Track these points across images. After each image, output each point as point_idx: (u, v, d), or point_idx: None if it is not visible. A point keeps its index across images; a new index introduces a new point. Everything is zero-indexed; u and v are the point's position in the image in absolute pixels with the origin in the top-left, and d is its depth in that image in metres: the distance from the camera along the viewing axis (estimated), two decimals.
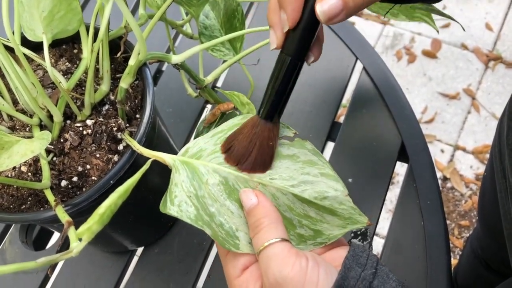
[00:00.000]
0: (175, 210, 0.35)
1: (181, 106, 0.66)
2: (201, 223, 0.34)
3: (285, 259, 0.31)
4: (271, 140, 0.36)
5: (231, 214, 0.36)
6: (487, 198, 0.70)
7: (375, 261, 0.31)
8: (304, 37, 0.34)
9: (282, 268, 0.30)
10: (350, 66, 0.66)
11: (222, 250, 0.36)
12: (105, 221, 0.27)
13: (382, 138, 0.60)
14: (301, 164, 0.37)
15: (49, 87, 0.46)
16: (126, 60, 0.47)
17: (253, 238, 0.34)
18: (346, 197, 0.36)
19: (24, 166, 0.43)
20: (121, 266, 0.57)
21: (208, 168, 0.37)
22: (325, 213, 0.36)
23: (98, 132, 0.43)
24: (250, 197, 0.34)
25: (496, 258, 0.78)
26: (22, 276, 0.58)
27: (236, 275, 0.34)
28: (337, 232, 0.36)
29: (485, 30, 1.70)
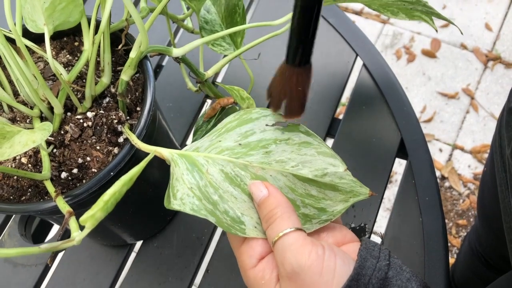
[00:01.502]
0: (178, 204, 0.35)
1: (181, 101, 0.66)
2: (204, 212, 0.34)
3: (301, 248, 0.31)
4: (300, 85, 0.35)
5: (234, 200, 0.36)
6: (487, 193, 0.70)
7: (387, 254, 0.32)
8: None
9: (299, 257, 0.30)
10: (350, 63, 0.66)
11: (235, 241, 0.35)
12: (109, 208, 0.27)
13: (382, 135, 0.61)
14: (297, 146, 0.38)
15: (50, 79, 0.46)
16: (127, 53, 0.48)
17: (266, 229, 0.33)
18: (345, 172, 0.37)
19: (24, 157, 0.43)
20: (120, 260, 0.57)
21: (207, 159, 0.37)
22: (326, 189, 0.36)
23: (99, 124, 0.43)
24: (261, 189, 0.34)
25: (495, 253, 0.79)
26: (21, 269, 0.58)
27: (251, 265, 0.33)
28: (340, 207, 0.36)
29: (484, 30, 1.70)
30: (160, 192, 0.54)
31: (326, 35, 0.69)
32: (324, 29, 0.69)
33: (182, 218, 0.58)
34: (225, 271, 0.55)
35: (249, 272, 0.33)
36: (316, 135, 0.39)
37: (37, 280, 0.57)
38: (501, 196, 0.58)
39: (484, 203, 0.74)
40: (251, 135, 0.39)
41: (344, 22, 0.68)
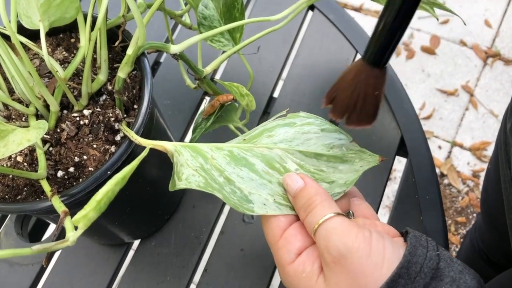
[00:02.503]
0: (183, 183, 0.34)
1: (179, 98, 0.65)
2: (211, 189, 0.34)
3: (347, 231, 0.30)
4: (377, 88, 0.33)
5: (241, 180, 0.35)
6: (490, 190, 0.70)
7: (434, 244, 0.30)
8: None
9: (345, 240, 0.29)
10: (349, 59, 0.66)
11: (272, 236, 0.34)
12: (102, 208, 0.27)
13: (382, 132, 0.60)
14: (299, 127, 0.37)
15: (46, 76, 0.46)
16: (124, 50, 0.47)
17: (305, 218, 0.32)
18: (352, 143, 0.37)
19: (20, 156, 0.42)
20: (118, 259, 0.57)
21: (211, 147, 0.37)
22: (336, 162, 0.36)
23: (95, 122, 0.43)
24: (296, 180, 0.33)
25: (498, 250, 0.78)
26: (18, 269, 0.57)
27: (290, 260, 0.32)
28: (353, 176, 0.35)
29: (484, 27, 1.69)
30: (158, 191, 0.54)
31: (325, 32, 0.68)
32: (323, 25, 0.68)
33: (180, 217, 0.58)
34: (224, 271, 0.55)
35: (288, 268, 0.32)
36: (318, 116, 0.38)
37: (34, 280, 0.57)
38: (505, 193, 0.57)
39: (487, 201, 0.74)
40: (253, 131, 0.39)
41: (343, 19, 0.68)
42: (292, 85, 0.65)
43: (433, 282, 0.28)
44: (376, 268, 0.28)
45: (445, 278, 0.28)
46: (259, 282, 0.54)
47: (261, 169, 0.36)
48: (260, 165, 0.36)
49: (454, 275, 0.28)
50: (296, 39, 0.69)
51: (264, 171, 0.36)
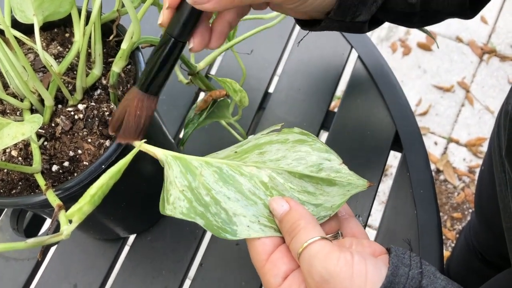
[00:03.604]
0: (170, 208, 0.35)
1: (173, 94, 0.65)
2: (193, 215, 0.34)
3: (329, 255, 0.30)
4: (139, 109, 0.38)
5: (227, 200, 0.35)
6: (484, 192, 0.70)
7: (418, 261, 0.31)
8: (183, 19, 0.36)
9: (327, 264, 0.30)
10: (345, 55, 0.66)
11: (259, 261, 0.34)
12: (96, 202, 0.27)
13: (376, 127, 0.60)
14: (291, 144, 0.38)
15: (40, 71, 0.46)
16: (118, 45, 0.47)
17: (290, 242, 0.33)
18: (341, 166, 0.36)
19: (14, 150, 0.42)
20: (113, 254, 0.57)
21: (201, 162, 0.37)
22: (324, 185, 0.36)
23: (90, 116, 0.43)
24: (282, 204, 0.34)
25: (493, 250, 0.78)
26: (13, 264, 0.57)
27: (277, 284, 0.33)
28: (339, 201, 0.36)
29: (480, 23, 1.70)
30: (153, 186, 0.54)
31: None
32: None
33: None
34: (219, 265, 0.55)
35: None
36: (310, 133, 0.39)
37: (30, 274, 0.57)
38: (500, 196, 0.58)
39: (481, 202, 0.74)
40: (246, 144, 0.39)
41: None
42: (287, 81, 0.65)
43: None
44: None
45: None
46: (254, 276, 0.54)
47: (248, 189, 0.36)
48: (248, 185, 0.36)
49: (442, 283, 0.29)
50: (291, 34, 0.69)
51: (251, 191, 0.36)
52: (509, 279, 0.59)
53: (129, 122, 0.38)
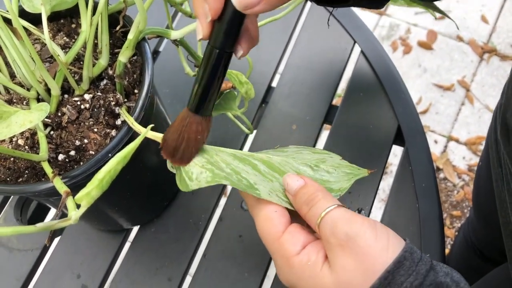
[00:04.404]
0: (195, 183, 0.35)
1: (178, 87, 0.65)
2: (218, 179, 0.34)
3: (352, 218, 0.32)
4: (199, 133, 0.37)
5: (247, 173, 0.36)
6: (482, 187, 0.70)
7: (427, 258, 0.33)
8: (228, 28, 0.34)
9: (352, 225, 0.31)
10: (348, 49, 0.66)
11: (275, 233, 0.34)
12: (104, 186, 0.27)
13: (379, 122, 0.61)
14: (291, 152, 0.40)
15: (47, 61, 0.46)
16: (125, 36, 0.47)
17: (308, 212, 0.34)
18: (341, 160, 0.39)
19: (21, 139, 0.43)
20: (117, 245, 0.57)
21: (213, 148, 0.38)
22: (329, 173, 0.38)
23: (96, 106, 0.43)
24: (296, 179, 0.35)
25: (491, 246, 0.79)
26: (17, 254, 0.58)
27: (296, 252, 0.33)
28: (345, 184, 0.38)
29: (480, 22, 1.70)
30: (158, 177, 0.54)
31: (324, 22, 0.68)
32: (322, 15, 0.69)
33: (179, 203, 0.58)
34: (222, 256, 0.55)
35: (293, 259, 0.33)
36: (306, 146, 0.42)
37: (33, 265, 0.57)
38: (497, 191, 0.58)
39: (479, 198, 0.74)
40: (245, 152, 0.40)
41: (342, 9, 0.68)
42: (290, 75, 0.65)
43: (432, 271, 0.30)
44: (383, 250, 0.30)
45: (440, 271, 0.30)
46: (256, 268, 0.54)
47: (263, 169, 0.38)
48: (262, 166, 0.38)
49: (446, 270, 0.31)
50: (294, 29, 0.69)
51: (265, 171, 0.37)
52: (506, 274, 0.60)
53: (188, 147, 0.37)
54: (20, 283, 0.56)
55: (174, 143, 0.37)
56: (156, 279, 0.55)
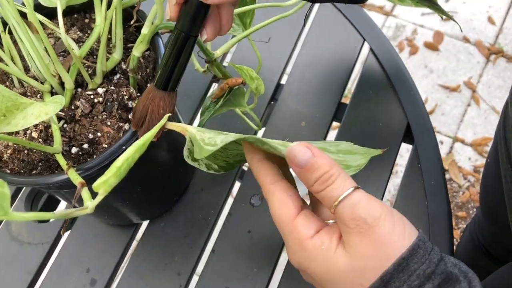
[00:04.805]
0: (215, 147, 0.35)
1: (187, 83, 0.66)
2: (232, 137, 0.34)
3: (371, 203, 0.31)
4: (161, 108, 0.39)
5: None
6: (490, 185, 0.70)
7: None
8: (193, 13, 0.36)
9: (372, 211, 0.31)
10: (357, 47, 0.66)
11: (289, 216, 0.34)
12: (122, 174, 0.28)
13: (388, 119, 0.61)
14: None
15: (60, 55, 0.47)
16: (138, 31, 0.48)
17: (323, 191, 0.32)
18: (355, 145, 0.40)
19: (35, 132, 0.43)
20: (126, 239, 0.57)
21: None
22: (345, 154, 0.38)
23: (109, 100, 0.44)
24: (305, 151, 0.32)
25: (498, 244, 0.79)
26: (27, 247, 0.58)
27: (310, 235, 0.33)
28: (362, 161, 0.38)
29: (487, 24, 1.70)
30: (168, 172, 0.55)
31: (333, 20, 0.69)
32: (331, 13, 0.69)
33: (188, 199, 0.58)
34: (231, 252, 0.55)
35: (306, 242, 0.33)
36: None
37: (44, 258, 0.57)
38: (506, 188, 0.58)
39: (487, 195, 0.74)
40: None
41: (351, 7, 0.69)
42: (299, 72, 0.66)
43: (442, 262, 0.31)
44: (400, 237, 0.30)
45: (448, 262, 0.31)
46: (265, 264, 0.54)
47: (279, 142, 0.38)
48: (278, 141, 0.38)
49: (454, 261, 0.32)
50: (304, 26, 0.70)
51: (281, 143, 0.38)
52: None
53: (152, 121, 0.39)
54: (31, 276, 0.56)
55: (139, 114, 0.40)
56: (165, 274, 0.55)
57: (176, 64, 0.38)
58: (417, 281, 0.29)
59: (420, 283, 0.29)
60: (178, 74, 0.39)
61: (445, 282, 0.30)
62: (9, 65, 0.42)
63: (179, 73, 0.39)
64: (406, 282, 0.29)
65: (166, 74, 0.39)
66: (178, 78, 0.40)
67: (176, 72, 0.39)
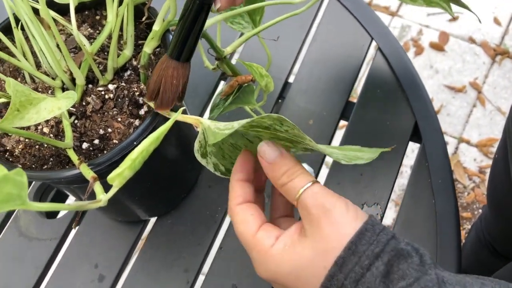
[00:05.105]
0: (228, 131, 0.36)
1: (195, 81, 0.66)
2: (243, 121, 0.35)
3: (329, 193, 0.35)
4: (175, 78, 0.39)
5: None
6: (498, 180, 0.70)
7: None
8: None
9: (330, 198, 0.35)
10: (365, 46, 0.66)
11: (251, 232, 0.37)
12: (136, 167, 0.28)
13: (396, 118, 0.61)
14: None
15: (71, 51, 0.47)
16: (148, 28, 0.48)
17: (287, 184, 0.36)
18: (364, 147, 0.41)
19: (46, 127, 0.43)
20: (134, 236, 0.58)
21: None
22: (356, 151, 0.39)
23: (120, 96, 0.44)
24: (275, 149, 0.37)
25: (504, 239, 0.79)
26: (36, 243, 0.58)
27: (271, 244, 0.35)
28: (372, 155, 0.39)
29: (493, 24, 1.70)
30: (176, 169, 0.55)
31: (341, 19, 0.69)
32: (339, 12, 0.69)
33: (196, 196, 0.59)
34: (239, 249, 0.56)
35: (270, 250, 0.35)
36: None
37: (52, 254, 0.58)
38: None
39: (495, 190, 0.74)
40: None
41: (359, 6, 0.69)
42: (307, 71, 0.66)
43: (393, 240, 0.33)
44: (353, 220, 0.34)
45: (402, 241, 0.33)
46: None
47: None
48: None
49: (407, 241, 0.34)
50: (312, 25, 0.70)
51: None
52: None
53: (166, 92, 0.39)
54: (39, 271, 0.57)
55: (153, 85, 0.40)
56: (173, 271, 0.56)
57: (190, 33, 0.38)
58: (367, 261, 0.32)
59: (370, 262, 0.32)
60: (192, 44, 0.39)
61: (395, 258, 0.32)
62: (21, 60, 0.43)
63: (192, 43, 0.39)
64: (358, 264, 0.32)
65: (179, 44, 0.38)
66: (191, 48, 0.39)
67: (189, 41, 0.38)
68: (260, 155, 0.37)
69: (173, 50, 0.39)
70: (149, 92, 0.40)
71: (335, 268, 0.33)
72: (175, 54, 0.39)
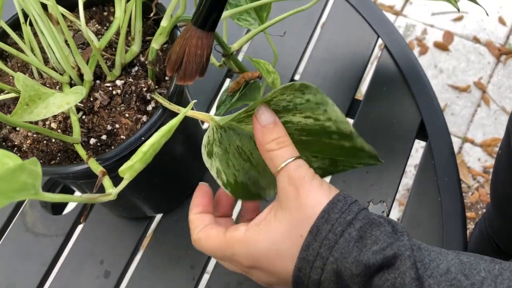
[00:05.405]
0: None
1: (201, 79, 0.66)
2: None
3: (310, 169, 0.37)
4: (199, 48, 0.38)
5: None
6: (501, 175, 0.70)
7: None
8: None
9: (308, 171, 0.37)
10: (371, 43, 0.66)
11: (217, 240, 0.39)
12: (147, 159, 0.28)
13: (402, 115, 0.61)
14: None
15: (79, 47, 0.47)
16: (156, 24, 0.48)
17: (275, 151, 0.37)
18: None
19: (54, 122, 0.44)
20: (140, 232, 0.58)
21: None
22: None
23: (128, 92, 0.44)
24: (272, 114, 0.37)
25: (508, 237, 0.79)
26: (42, 239, 0.59)
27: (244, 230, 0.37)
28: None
29: (498, 24, 1.69)
30: (183, 165, 0.55)
31: (347, 16, 0.69)
32: (345, 10, 0.69)
33: None
34: None
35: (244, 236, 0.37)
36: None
37: (58, 250, 0.58)
38: None
39: (498, 186, 0.74)
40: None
41: (365, 4, 0.69)
42: (313, 68, 0.66)
43: (364, 210, 0.35)
44: (327, 192, 0.36)
45: (373, 214, 0.35)
46: None
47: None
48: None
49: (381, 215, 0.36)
50: (318, 23, 0.70)
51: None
52: None
53: (189, 62, 0.38)
54: (45, 267, 0.57)
55: (175, 56, 0.38)
56: (178, 267, 0.56)
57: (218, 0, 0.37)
58: (340, 228, 0.33)
59: (342, 228, 0.33)
60: (217, 12, 0.37)
61: (367, 225, 0.34)
62: (29, 56, 0.43)
63: (218, 11, 0.37)
64: (331, 231, 0.33)
65: (206, 11, 0.37)
66: (216, 17, 0.38)
67: (216, 8, 0.37)
68: (256, 116, 0.37)
69: (198, 18, 0.37)
70: (171, 63, 0.39)
71: (310, 237, 0.34)
72: (200, 22, 0.37)
